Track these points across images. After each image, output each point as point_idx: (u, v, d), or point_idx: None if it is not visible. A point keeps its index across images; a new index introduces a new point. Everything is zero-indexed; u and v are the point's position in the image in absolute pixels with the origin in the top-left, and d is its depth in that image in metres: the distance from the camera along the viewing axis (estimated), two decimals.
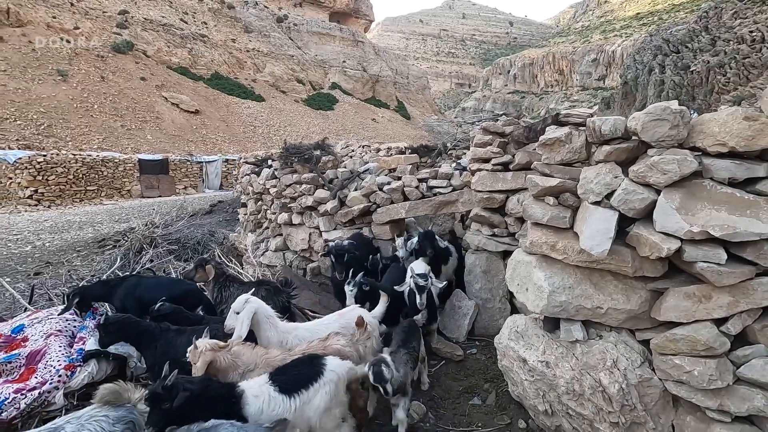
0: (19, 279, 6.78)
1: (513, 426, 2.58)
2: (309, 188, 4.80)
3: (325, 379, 2.21)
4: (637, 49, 20.72)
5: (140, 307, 3.57)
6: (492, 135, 3.68)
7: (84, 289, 3.52)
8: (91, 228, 11.24)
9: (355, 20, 62.47)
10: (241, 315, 2.56)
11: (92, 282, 4.25)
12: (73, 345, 2.79)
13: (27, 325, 2.87)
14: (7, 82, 27.51)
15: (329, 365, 2.27)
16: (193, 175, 21.28)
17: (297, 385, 2.16)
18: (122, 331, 2.68)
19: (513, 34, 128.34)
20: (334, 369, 2.26)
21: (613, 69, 63.58)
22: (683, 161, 1.88)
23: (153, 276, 4.44)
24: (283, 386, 2.14)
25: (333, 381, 2.22)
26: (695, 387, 1.88)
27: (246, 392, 2.08)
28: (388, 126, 49.06)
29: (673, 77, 14.27)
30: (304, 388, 2.16)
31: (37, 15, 35.28)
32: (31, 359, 2.56)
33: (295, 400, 2.12)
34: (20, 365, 2.54)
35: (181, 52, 41.48)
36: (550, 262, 2.36)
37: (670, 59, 15.17)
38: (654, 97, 15.12)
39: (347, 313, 2.98)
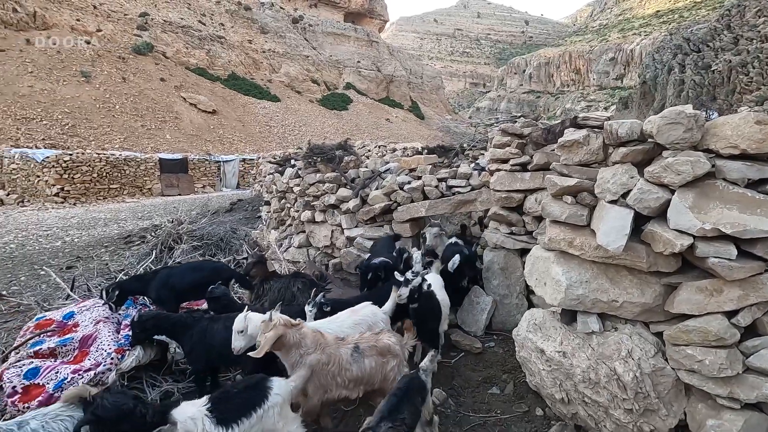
0: (54, 271, 7.12)
1: (530, 413, 2.71)
2: (332, 187, 4.99)
3: (270, 403, 2.17)
4: (656, 48, 20.44)
5: (175, 296, 3.85)
6: (510, 136, 3.81)
7: (121, 284, 3.77)
8: (116, 225, 11.63)
9: (370, 20, 62.70)
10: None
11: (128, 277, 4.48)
12: (119, 331, 3.01)
13: (77, 312, 3.11)
14: (33, 83, 28.41)
15: (274, 388, 2.22)
16: (211, 174, 21.73)
17: (238, 414, 2.09)
18: (157, 326, 2.88)
19: (529, 33, 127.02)
20: (279, 392, 2.22)
21: (631, 68, 62.51)
22: (696, 162, 1.99)
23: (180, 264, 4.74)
24: (222, 417, 2.05)
25: (278, 404, 2.19)
26: (706, 375, 1.99)
27: (178, 426, 1.96)
28: (402, 126, 49.15)
29: (693, 77, 14.07)
30: (246, 416, 2.10)
31: (62, 18, 36.29)
32: (83, 343, 2.79)
33: (233, 430, 2.05)
34: (74, 348, 2.77)
35: (199, 53, 42.22)
36: (568, 258, 2.48)
37: (691, 58, 14.96)
38: (673, 97, 14.92)
39: (360, 310, 3.00)
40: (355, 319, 2.90)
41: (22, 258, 8.08)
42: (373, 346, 2.52)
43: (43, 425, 1.94)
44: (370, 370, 2.46)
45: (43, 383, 2.49)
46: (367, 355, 2.48)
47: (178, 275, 3.92)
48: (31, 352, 2.72)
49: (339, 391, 2.47)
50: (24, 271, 7.19)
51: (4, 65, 27.97)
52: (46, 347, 2.75)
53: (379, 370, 2.48)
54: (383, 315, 3.03)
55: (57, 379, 2.53)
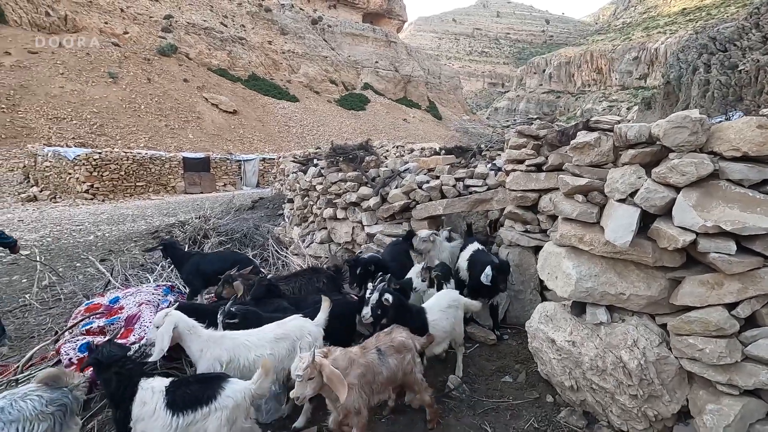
0: (88, 264, 7.55)
1: (541, 400, 2.87)
2: (353, 185, 5.21)
3: (219, 404, 2.12)
4: (681, 47, 20.02)
5: (203, 279, 4.34)
6: (526, 138, 3.95)
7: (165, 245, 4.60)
8: (143, 221, 12.10)
9: (388, 21, 62.92)
10: (161, 329, 2.51)
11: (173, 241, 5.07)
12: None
13: (121, 297, 3.41)
14: (64, 84, 29.51)
15: (227, 390, 2.17)
16: (232, 172, 22.26)
17: (186, 404, 2.11)
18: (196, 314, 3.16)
19: (549, 32, 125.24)
20: (231, 395, 2.16)
21: (655, 68, 61.10)
22: (700, 164, 2.13)
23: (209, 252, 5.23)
24: (172, 401, 2.11)
25: (228, 407, 2.12)
26: (707, 363, 2.12)
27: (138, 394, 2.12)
28: (419, 126, 49.21)
29: (719, 77, 13.80)
30: (192, 408, 2.10)
31: (91, 21, 37.53)
32: (128, 322, 3.08)
33: (179, 418, 2.08)
34: (120, 327, 3.06)
35: (221, 54, 43.12)
36: (578, 253, 2.64)
37: (717, 58, 14.66)
38: (698, 98, 14.66)
39: (287, 323, 2.83)
40: (278, 333, 2.74)
41: (58, 251, 8.55)
42: (390, 346, 2.57)
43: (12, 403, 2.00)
44: (395, 368, 2.52)
45: None
46: (389, 354, 2.54)
47: (207, 262, 4.38)
48: (83, 331, 3.01)
49: (377, 397, 2.50)
50: (61, 263, 7.62)
51: (38, 67, 29.16)
52: (96, 326, 3.05)
53: (400, 367, 2.56)
54: (314, 328, 2.83)
55: None
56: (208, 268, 4.29)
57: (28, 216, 12.85)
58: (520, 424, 2.65)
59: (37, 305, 5.35)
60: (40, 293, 5.84)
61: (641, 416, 2.38)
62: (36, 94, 26.97)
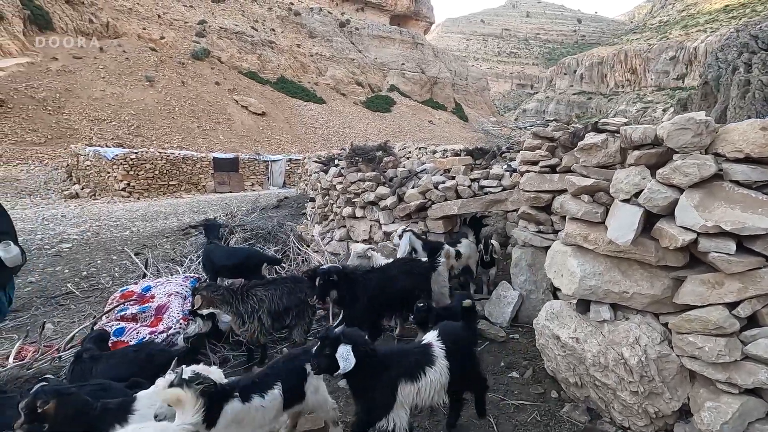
0: (123, 258, 8.01)
1: (546, 395, 2.93)
2: (371, 185, 5.37)
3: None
4: (720, 45, 19.23)
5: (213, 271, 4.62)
6: (541, 139, 4.00)
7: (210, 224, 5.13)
8: (175, 218, 12.65)
9: (416, 22, 63.01)
10: None
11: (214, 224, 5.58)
12: (185, 304, 3.54)
13: (153, 286, 3.68)
14: (105, 87, 31.04)
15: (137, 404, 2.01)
16: (260, 173, 22.88)
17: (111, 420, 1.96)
18: None
19: (581, 32, 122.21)
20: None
21: (694, 67, 58.70)
22: (703, 165, 2.16)
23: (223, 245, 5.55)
24: None
25: None
26: (706, 361, 2.15)
27: None
28: (444, 128, 49.04)
29: (761, 77, 13.21)
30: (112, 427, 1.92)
31: (131, 27, 39.31)
32: (158, 311, 3.33)
33: None
34: (151, 315, 3.32)
35: (251, 57, 44.31)
36: (583, 252, 2.69)
37: (758, 57, 14.04)
38: (738, 99, 14.06)
39: None
40: None
41: (97, 244, 9.09)
42: None
43: None
44: None
45: (127, 340, 3.04)
46: None
47: (217, 255, 4.65)
48: (118, 316, 3.28)
49: None
50: (100, 256, 8.12)
51: (81, 71, 30.81)
52: (129, 313, 3.32)
53: None
54: None
55: (137, 338, 3.08)
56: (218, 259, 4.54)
57: (71, 212, 13.67)
58: (523, 417, 2.73)
59: (78, 293, 5.77)
60: (81, 282, 6.27)
61: (642, 413, 2.42)
62: (79, 97, 28.52)
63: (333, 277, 3.24)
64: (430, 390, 2.30)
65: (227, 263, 4.59)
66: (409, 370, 2.28)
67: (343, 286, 3.31)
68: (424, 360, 2.35)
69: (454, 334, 2.55)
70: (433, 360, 2.36)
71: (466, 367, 2.54)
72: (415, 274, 3.71)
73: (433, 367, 2.33)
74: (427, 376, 2.29)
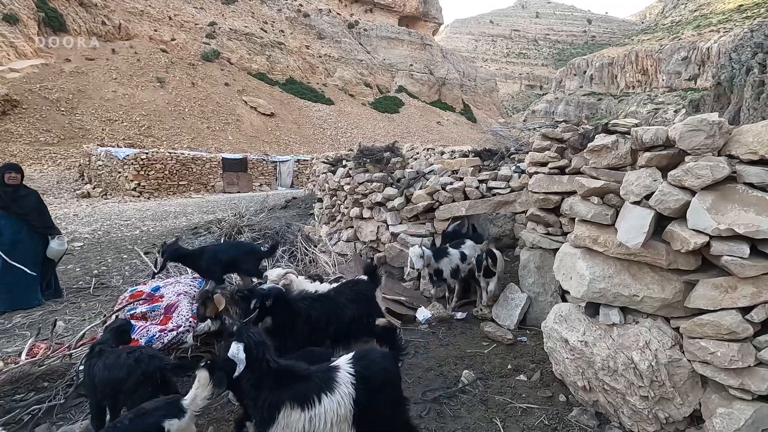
0: (133, 256, 8.10)
1: (554, 399, 2.90)
2: (379, 186, 5.37)
3: None
4: (734, 46, 18.92)
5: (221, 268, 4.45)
6: (550, 141, 3.97)
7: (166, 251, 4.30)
8: (184, 217, 12.77)
9: (424, 24, 62.99)
10: None
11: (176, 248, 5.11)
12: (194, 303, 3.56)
13: (162, 286, 3.71)
14: (117, 88, 31.44)
15: None
16: (268, 173, 23.01)
17: None
18: None
19: (591, 32, 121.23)
20: None
21: (706, 68, 57.88)
22: (716, 167, 2.13)
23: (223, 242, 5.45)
24: None
25: None
26: (718, 367, 2.11)
27: None
28: (452, 129, 48.94)
29: None
30: None
31: (142, 29, 39.80)
32: (167, 310, 3.36)
33: None
34: (160, 314, 3.35)
35: (260, 59, 44.61)
36: (593, 254, 2.66)
37: None
38: (752, 100, 13.82)
39: None
40: None
41: (108, 243, 9.21)
42: None
43: None
44: None
45: (137, 338, 3.06)
46: None
47: (223, 250, 4.56)
48: (128, 315, 3.32)
49: None
50: (110, 255, 8.22)
51: (94, 72, 31.25)
52: (139, 312, 3.35)
53: None
54: None
55: (147, 336, 3.11)
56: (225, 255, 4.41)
57: (82, 211, 13.87)
58: (530, 421, 2.70)
59: (89, 291, 5.85)
60: (91, 280, 6.35)
61: (652, 418, 2.39)
62: (92, 98, 28.93)
63: (269, 301, 2.72)
64: (326, 421, 1.93)
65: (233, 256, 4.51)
66: (299, 393, 1.95)
67: (281, 314, 2.79)
68: (322, 385, 2.00)
69: (370, 360, 2.17)
70: (333, 387, 2.00)
71: (381, 405, 2.11)
72: (365, 299, 3.20)
73: (331, 396, 1.97)
74: (322, 405, 1.94)
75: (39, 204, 5.35)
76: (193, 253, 4.45)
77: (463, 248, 4.43)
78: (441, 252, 4.31)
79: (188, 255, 4.36)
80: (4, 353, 3.78)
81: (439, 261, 4.21)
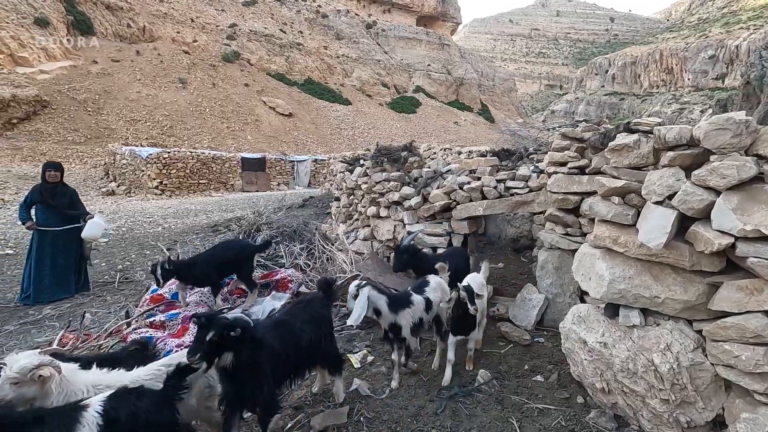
0: (156, 252, 8.31)
1: (571, 401, 2.87)
2: (396, 185, 5.39)
3: None
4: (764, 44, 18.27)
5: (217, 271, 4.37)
6: (570, 140, 3.93)
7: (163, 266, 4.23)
8: (204, 215, 13.02)
9: (442, 23, 62.69)
10: None
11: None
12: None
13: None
14: (140, 89, 32.23)
15: None
16: (286, 173, 23.27)
17: None
18: None
19: (614, 31, 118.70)
20: None
21: (735, 67, 56.06)
22: (742, 167, 2.08)
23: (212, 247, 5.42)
24: None
25: None
26: (742, 371, 2.06)
27: None
28: (470, 129, 48.58)
29: None
30: None
31: (166, 31, 40.69)
32: (185, 320, 3.47)
33: None
34: (178, 324, 3.46)
35: (279, 59, 45.12)
36: (613, 255, 2.63)
37: None
38: None
39: None
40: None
41: (131, 239, 9.47)
42: None
43: None
44: None
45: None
46: None
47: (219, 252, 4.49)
48: (148, 323, 3.43)
49: None
50: (134, 250, 8.46)
51: (119, 74, 32.12)
52: (158, 320, 3.46)
53: None
54: None
55: (165, 350, 3.21)
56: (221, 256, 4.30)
57: (107, 208, 14.29)
58: (547, 422, 2.68)
59: (114, 285, 6.05)
60: (116, 275, 6.56)
61: (673, 422, 2.35)
62: (117, 98, 29.75)
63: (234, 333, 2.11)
64: None
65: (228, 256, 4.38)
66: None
67: (245, 351, 2.17)
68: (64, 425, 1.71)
69: (129, 400, 1.86)
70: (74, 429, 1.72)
71: None
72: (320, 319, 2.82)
73: None
74: None
75: (74, 199, 5.64)
76: (186, 264, 4.33)
77: (428, 291, 3.31)
78: (400, 301, 3.10)
79: (182, 268, 4.19)
80: (36, 342, 3.95)
81: (398, 313, 3.01)
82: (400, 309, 3.02)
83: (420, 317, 3.13)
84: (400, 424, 2.72)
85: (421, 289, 3.31)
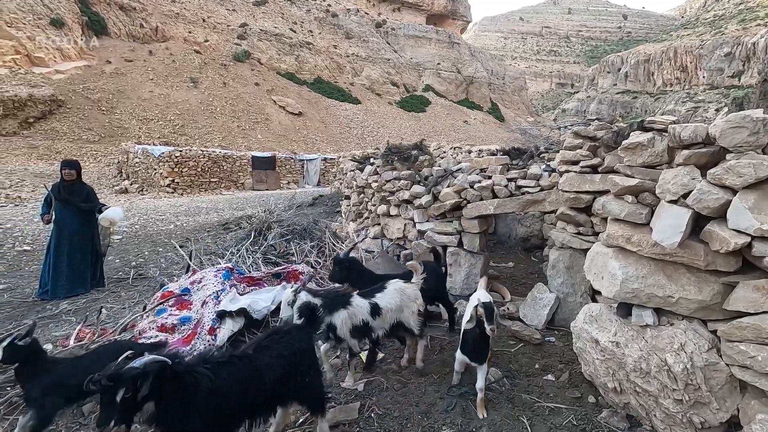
0: (169, 249, 8.43)
1: (583, 400, 2.86)
2: (406, 184, 5.40)
3: None
4: None
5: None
6: (582, 139, 3.90)
7: None
8: (216, 213, 13.16)
9: (452, 22, 62.43)
10: None
11: None
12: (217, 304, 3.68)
13: (192, 291, 3.86)
14: (153, 88, 32.62)
15: None
16: (296, 171, 23.41)
17: None
18: None
19: (627, 28, 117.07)
20: None
21: (752, 64, 54.95)
22: (759, 165, 2.05)
23: None
24: None
25: None
26: (758, 371, 2.04)
27: None
28: (480, 128, 48.34)
29: None
30: None
31: (178, 31, 41.11)
32: (196, 325, 3.51)
33: None
34: (189, 328, 3.50)
35: (289, 59, 45.32)
36: (626, 254, 2.61)
37: None
38: None
39: None
40: None
41: (145, 237, 9.61)
42: None
43: None
44: None
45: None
46: None
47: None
48: (158, 326, 3.48)
49: None
50: (147, 248, 8.58)
51: (132, 74, 32.56)
52: (169, 323, 3.50)
53: None
54: None
55: None
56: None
57: (121, 206, 14.48)
58: (558, 421, 2.68)
59: (129, 282, 6.15)
60: (130, 272, 6.67)
61: (686, 422, 2.33)
62: (130, 98, 30.18)
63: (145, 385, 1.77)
64: None
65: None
66: None
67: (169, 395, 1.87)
68: None
69: None
70: None
71: None
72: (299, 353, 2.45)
73: None
74: None
75: (90, 196, 5.78)
76: None
77: (378, 297, 3.15)
78: (336, 302, 3.01)
79: None
80: (54, 337, 4.03)
81: (333, 314, 2.94)
82: (335, 310, 2.95)
83: (363, 320, 3.02)
84: (410, 420, 2.74)
85: (371, 293, 3.19)
